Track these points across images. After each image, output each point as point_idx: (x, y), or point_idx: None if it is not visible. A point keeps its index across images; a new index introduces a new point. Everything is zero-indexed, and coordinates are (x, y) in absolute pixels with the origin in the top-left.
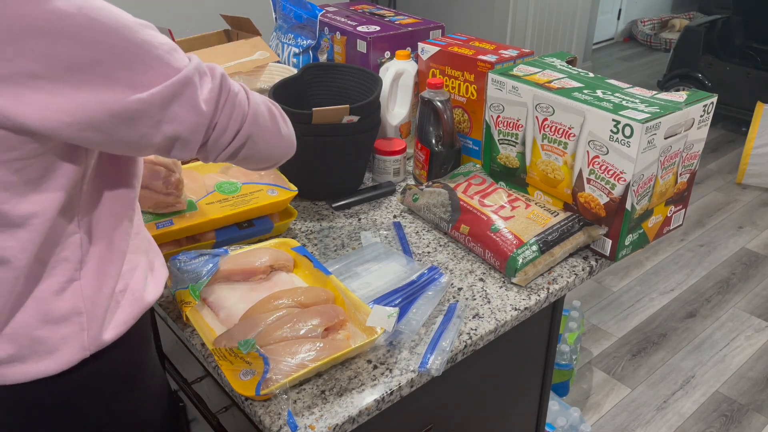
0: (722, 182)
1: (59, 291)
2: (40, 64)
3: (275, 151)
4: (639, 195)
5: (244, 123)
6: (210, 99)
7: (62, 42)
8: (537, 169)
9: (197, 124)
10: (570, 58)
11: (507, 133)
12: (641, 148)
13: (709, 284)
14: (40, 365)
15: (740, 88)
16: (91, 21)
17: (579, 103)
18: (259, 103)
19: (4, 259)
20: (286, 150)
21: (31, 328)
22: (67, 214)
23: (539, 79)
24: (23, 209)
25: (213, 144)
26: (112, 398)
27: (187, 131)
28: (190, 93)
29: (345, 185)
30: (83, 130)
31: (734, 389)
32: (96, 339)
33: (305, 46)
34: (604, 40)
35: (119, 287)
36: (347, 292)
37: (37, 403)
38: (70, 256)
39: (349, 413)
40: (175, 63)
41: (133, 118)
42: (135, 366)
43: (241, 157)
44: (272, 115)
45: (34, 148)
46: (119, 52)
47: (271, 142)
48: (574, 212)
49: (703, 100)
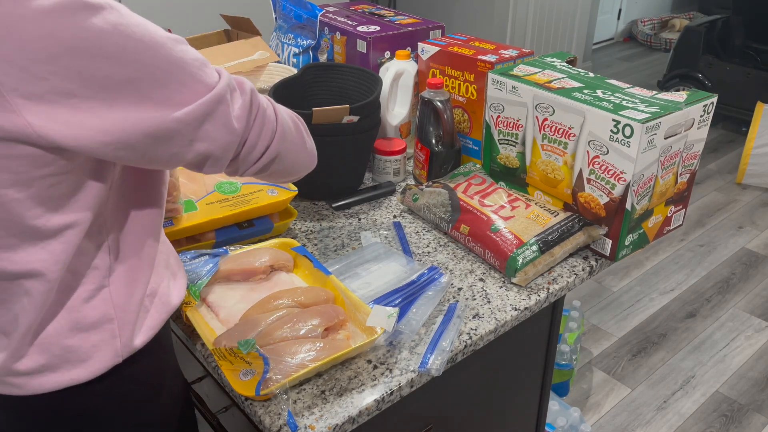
0: (722, 182)
1: (89, 299)
2: (75, 83)
3: (300, 165)
4: (639, 195)
5: (273, 139)
6: (241, 116)
7: (98, 61)
8: (537, 169)
9: (230, 143)
10: (570, 58)
11: (507, 133)
12: (641, 148)
13: (709, 284)
14: (72, 373)
15: (740, 88)
16: (127, 39)
17: (579, 103)
18: (286, 117)
19: (37, 272)
20: (310, 163)
21: (62, 337)
22: (97, 222)
23: (539, 79)
24: (56, 222)
25: (242, 160)
26: (140, 403)
27: (219, 149)
28: (223, 111)
29: (345, 185)
30: (117, 149)
31: (734, 389)
32: (128, 345)
33: (305, 46)
34: (604, 40)
35: (148, 292)
36: (347, 292)
37: (64, 411)
38: (99, 264)
39: (349, 413)
40: (208, 79)
41: (168, 137)
42: (162, 369)
43: (269, 173)
44: (298, 129)
45: (65, 165)
46: (154, 71)
47: (297, 157)
48: (574, 212)
49: (703, 100)
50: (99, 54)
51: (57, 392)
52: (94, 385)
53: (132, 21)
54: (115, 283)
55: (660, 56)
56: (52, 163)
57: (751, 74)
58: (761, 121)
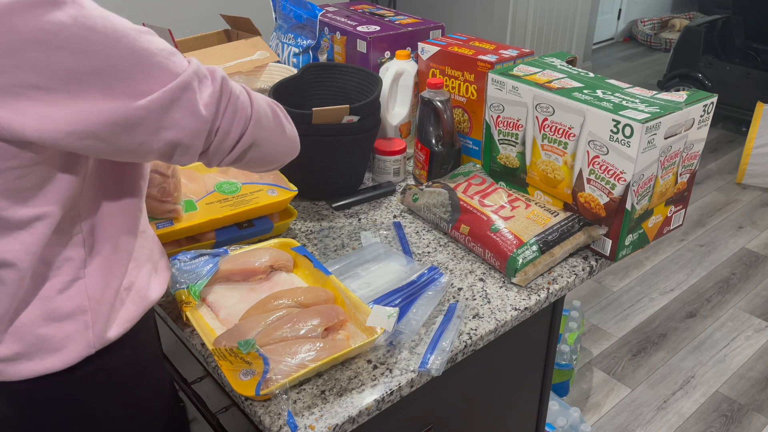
0: (722, 182)
1: (63, 289)
2: (38, 76)
3: (280, 153)
4: (639, 195)
5: (248, 127)
6: (210, 103)
7: (60, 53)
8: (537, 169)
9: (198, 130)
10: (570, 58)
11: (507, 133)
12: (641, 148)
13: (709, 284)
14: (46, 362)
15: (740, 88)
16: (89, 31)
17: (579, 103)
18: (262, 104)
19: (8, 262)
20: (291, 150)
21: (36, 327)
22: (70, 215)
23: (539, 79)
24: (24, 214)
25: (216, 149)
26: (118, 395)
27: (188, 137)
28: (189, 98)
29: (345, 185)
30: (83, 139)
31: (734, 389)
32: (101, 336)
33: (305, 46)
34: (604, 40)
35: (124, 285)
36: (347, 292)
37: (44, 399)
38: (74, 256)
39: (349, 413)
40: (174, 68)
41: (133, 125)
42: (140, 363)
43: (246, 161)
44: (276, 115)
45: (32, 157)
46: (117, 61)
47: (275, 145)
48: (574, 212)
49: (703, 100)
50: (61, 47)
51: (35, 380)
52: (68, 374)
53: (94, 14)
54: (90, 275)
55: (660, 56)
56: (18, 155)
57: (751, 74)
58: (761, 121)
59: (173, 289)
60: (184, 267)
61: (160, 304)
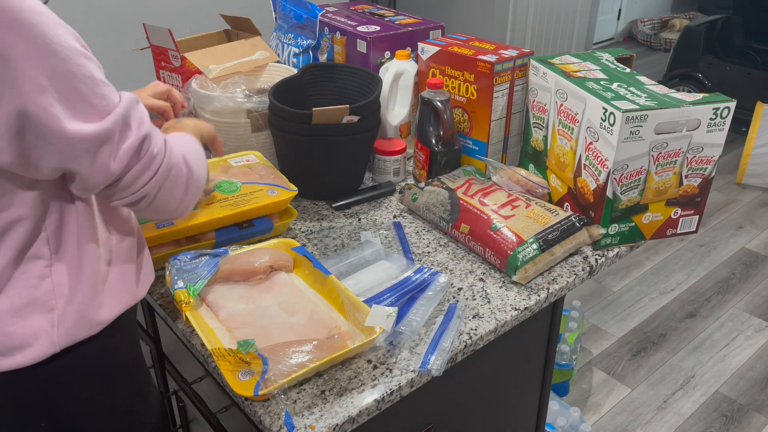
0: (722, 182)
1: (30, 287)
2: None
3: (169, 214)
4: (623, 185)
5: (149, 184)
6: (123, 158)
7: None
8: (553, 152)
9: (101, 181)
10: (625, 55)
11: (538, 117)
12: (622, 137)
13: (709, 284)
14: (13, 359)
15: (740, 88)
16: None
17: (582, 90)
18: (178, 163)
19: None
20: (179, 214)
21: (3, 324)
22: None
23: (569, 68)
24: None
25: (110, 194)
26: (92, 396)
27: (88, 178)
28: (105, 150)
29: (345, 185)
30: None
31: (734, 389)
32: (68, 334)
33: (305, 46)
34: (604, 40)
35: (96, 285)
36: (347, 292)
37: (10, 396)
38: (41, 254)
39: (349, 413)
40: (103, 109)
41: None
42: (115, 365)
43: (137, 209)
44: (186, 183)
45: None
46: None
47: (168, 207)
48: (575, 197)
49: (714, 102)
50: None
51: (6, 375)
52: (36, 371)
53: None
54: (57, 274)
55: (660, 56)
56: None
57: (751, 74)
58: (761, 121)
59: (173, 289)
60: (184, 267)
61: (160, 304)
